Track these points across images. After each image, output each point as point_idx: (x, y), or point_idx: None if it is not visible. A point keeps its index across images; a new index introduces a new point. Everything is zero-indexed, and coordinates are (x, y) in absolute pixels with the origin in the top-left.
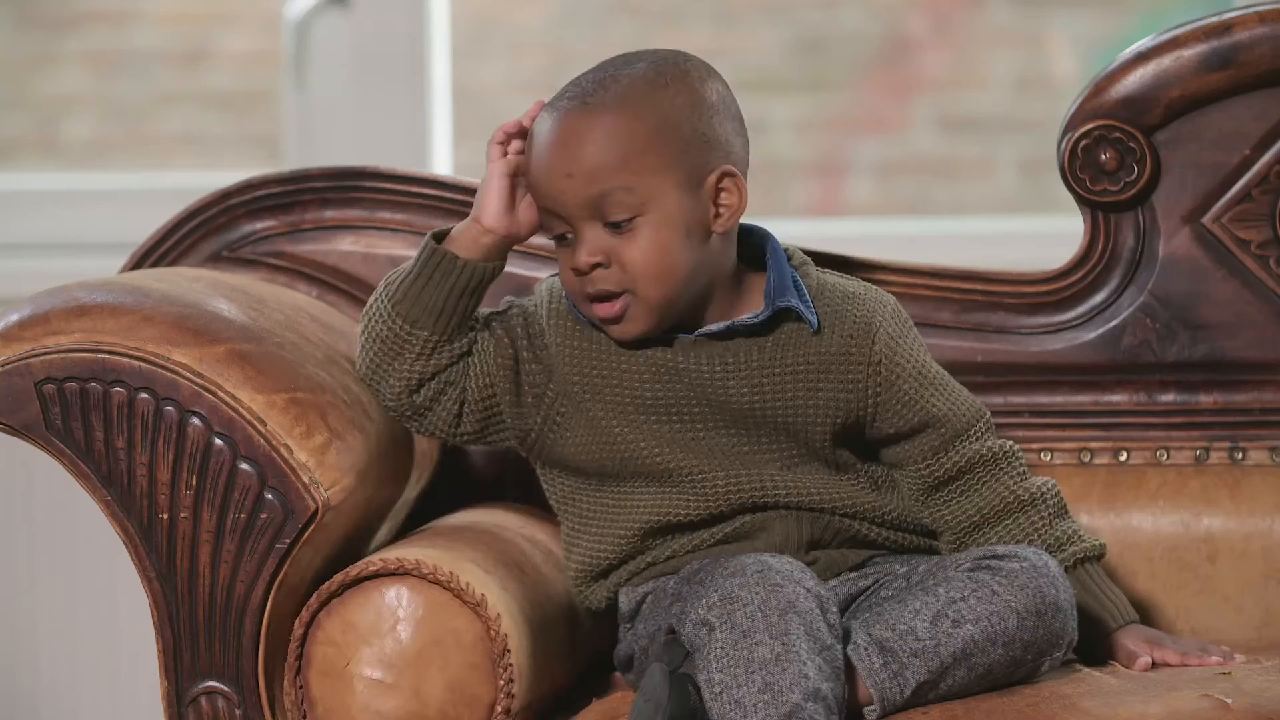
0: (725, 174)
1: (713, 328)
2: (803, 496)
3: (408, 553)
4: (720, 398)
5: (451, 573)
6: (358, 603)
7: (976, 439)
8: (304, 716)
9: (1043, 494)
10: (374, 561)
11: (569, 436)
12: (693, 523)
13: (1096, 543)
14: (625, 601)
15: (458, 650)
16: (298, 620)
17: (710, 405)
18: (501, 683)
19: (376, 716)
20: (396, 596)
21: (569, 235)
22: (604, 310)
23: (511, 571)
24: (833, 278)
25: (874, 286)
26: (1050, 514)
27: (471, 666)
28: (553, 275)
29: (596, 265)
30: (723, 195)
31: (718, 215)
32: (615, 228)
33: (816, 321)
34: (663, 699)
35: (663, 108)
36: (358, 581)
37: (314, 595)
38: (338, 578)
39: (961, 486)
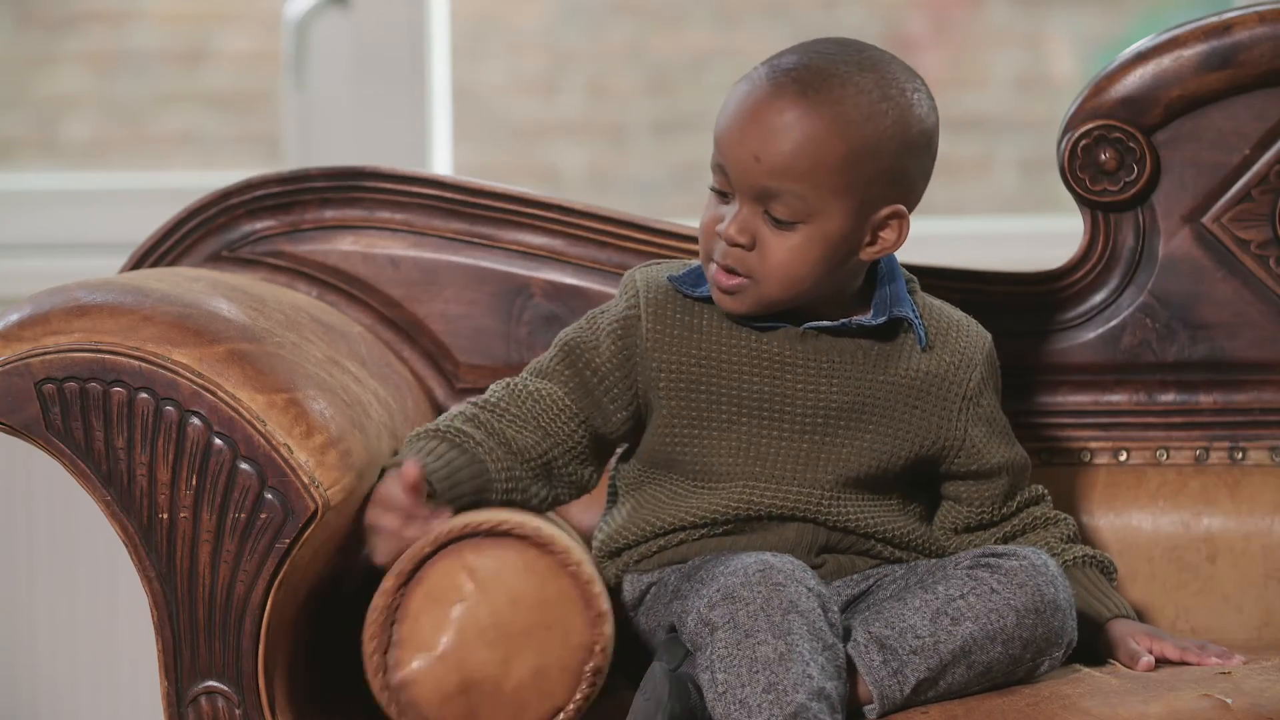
0: (895, 214)
1: (825, 323)
2: (837, 519)
3: (543, 527)
4: (816, 396)
5: (580, 561)
6: (484, 550)
7: (1026, 487)
8: (390, 624)
9: (1062, 519)
10: (509, 520)
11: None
12: (714, 521)
13: (1103, 553)
14: (630, 589)
15: (561, 631)
16: (429, 540)
17: (801, 405)
18: (588, 672)
19: (459, 661)
20: (521, 557)
21: (729, 195)
22: (722, 279)
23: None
24: (938, 302)
25: (974, 320)
26: (1064, 537)
27: (570, 648)
28: (644, 266)
29: (739, 245)
30: (885, 230)
31: (871, 244)
32: (774, 221)
33: (925, 337)
34: (663, 697)
35: (870, 136)
36: (490, 534)
37: (447, 531)
38: (460, 522)
39: (1003, 523)
